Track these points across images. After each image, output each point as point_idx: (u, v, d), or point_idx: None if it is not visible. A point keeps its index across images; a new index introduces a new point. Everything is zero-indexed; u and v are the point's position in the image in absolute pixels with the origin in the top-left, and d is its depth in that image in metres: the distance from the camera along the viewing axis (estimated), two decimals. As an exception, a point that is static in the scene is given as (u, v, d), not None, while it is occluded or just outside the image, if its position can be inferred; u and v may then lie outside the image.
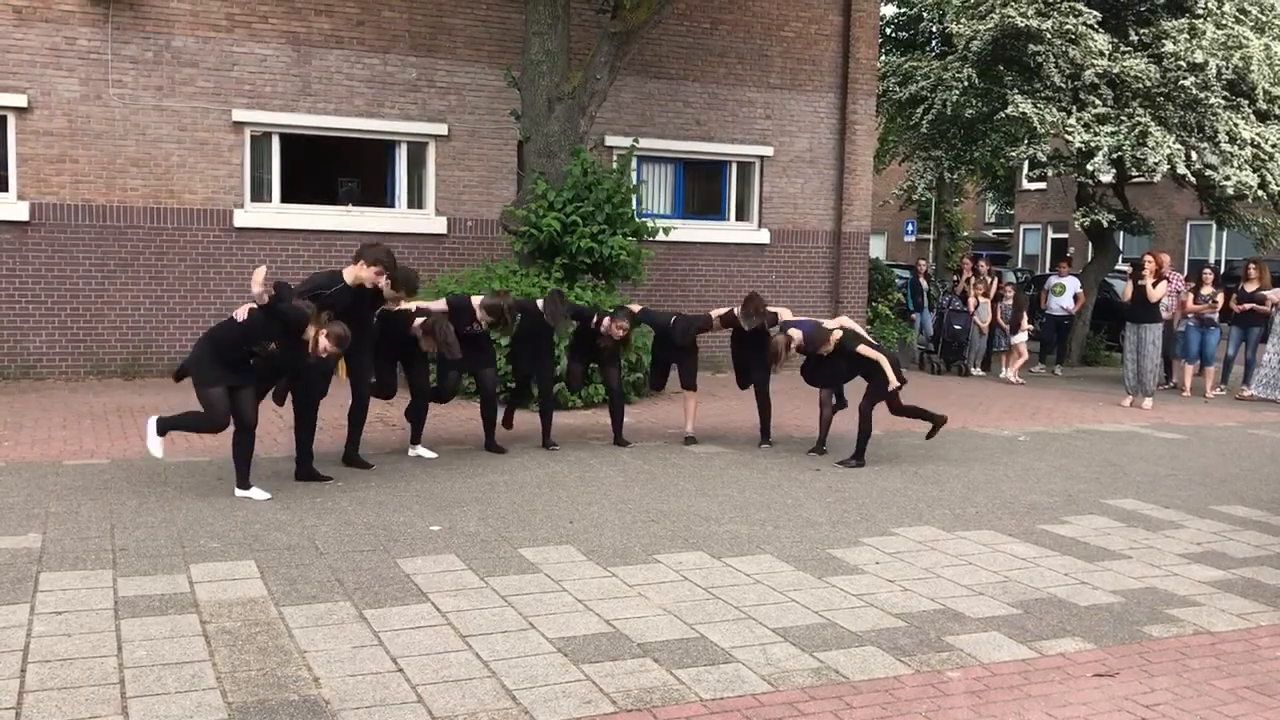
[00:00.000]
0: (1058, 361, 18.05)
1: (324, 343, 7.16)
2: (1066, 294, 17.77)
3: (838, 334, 9.06)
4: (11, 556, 5.88)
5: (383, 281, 7.85)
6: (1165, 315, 14.78)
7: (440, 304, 8.81)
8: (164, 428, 7.26)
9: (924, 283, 19.42)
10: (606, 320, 9.66)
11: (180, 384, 7.70)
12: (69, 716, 3.99)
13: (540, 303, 9.37)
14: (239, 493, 7.30)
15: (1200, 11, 16.70)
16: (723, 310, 10.04)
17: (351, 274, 7.69)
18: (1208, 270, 15.62)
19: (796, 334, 9.26)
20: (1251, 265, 15.52)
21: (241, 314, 7.02)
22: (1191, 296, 15.20)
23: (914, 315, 19.10)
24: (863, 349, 9.05)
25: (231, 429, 7.22)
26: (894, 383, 8.94)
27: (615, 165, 13.71)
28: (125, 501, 7.14)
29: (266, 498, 7.23)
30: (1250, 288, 15.21)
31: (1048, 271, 26.86)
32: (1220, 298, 15.17)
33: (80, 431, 9.60)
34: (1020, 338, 16.39)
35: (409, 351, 8.73)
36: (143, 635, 4.80)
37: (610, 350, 9.89)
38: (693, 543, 6.61)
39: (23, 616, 4.98)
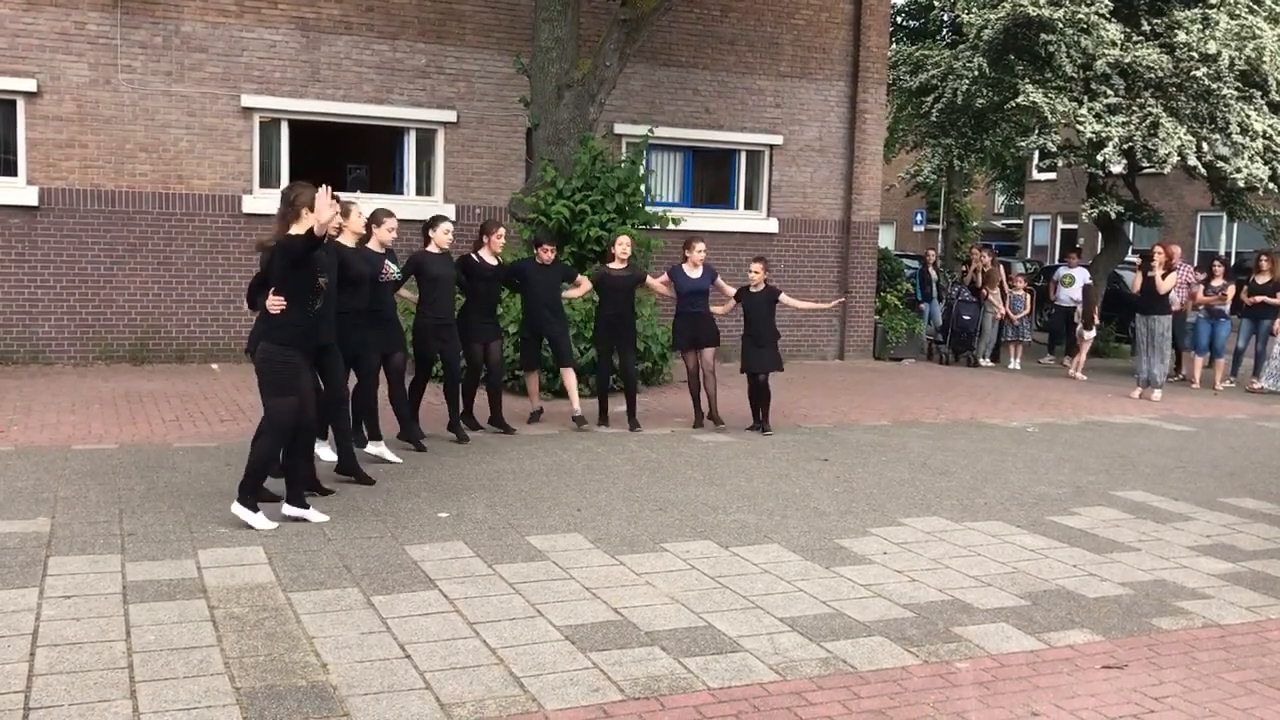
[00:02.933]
0: (1066, 353, 18.00)
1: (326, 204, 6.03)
2: (1076, 285, 17.69)
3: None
4: (20, 541, 5.89)
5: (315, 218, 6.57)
6: (1176, 307, 14.74)
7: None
8: (253, 499, 6.34)
9: (933, 273, 19.34)
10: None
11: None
12: (78, 700, 4.00)
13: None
14: (294, 511, 6.42)
15: (1214, 1, 16.58)
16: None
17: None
18: (1218, 262, 15.55)
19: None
20: (1263, 258, 15.45)
21: (276, 304, 6.20)
22: (1201, 288, 15.14)
23: (923, 305, 19.03)
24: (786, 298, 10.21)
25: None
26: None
27: (627, 155, 13.68)
28: (134, 486, 7.15)
29: (324, 519, 6.43)
30: (1261, 280, 15.13)
31: (1057, 262, 26.77)
32: (1231, 290, 15.11)
33: (89, 416, 9.61)
34: (1090, 334, 16.16)
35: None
36: (151, 620, 4.80)
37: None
38: (700, 532, 6.61)
39: (32, 600, 4.99)
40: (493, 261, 9.41)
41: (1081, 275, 17.84)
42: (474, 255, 9.40)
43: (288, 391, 6.28)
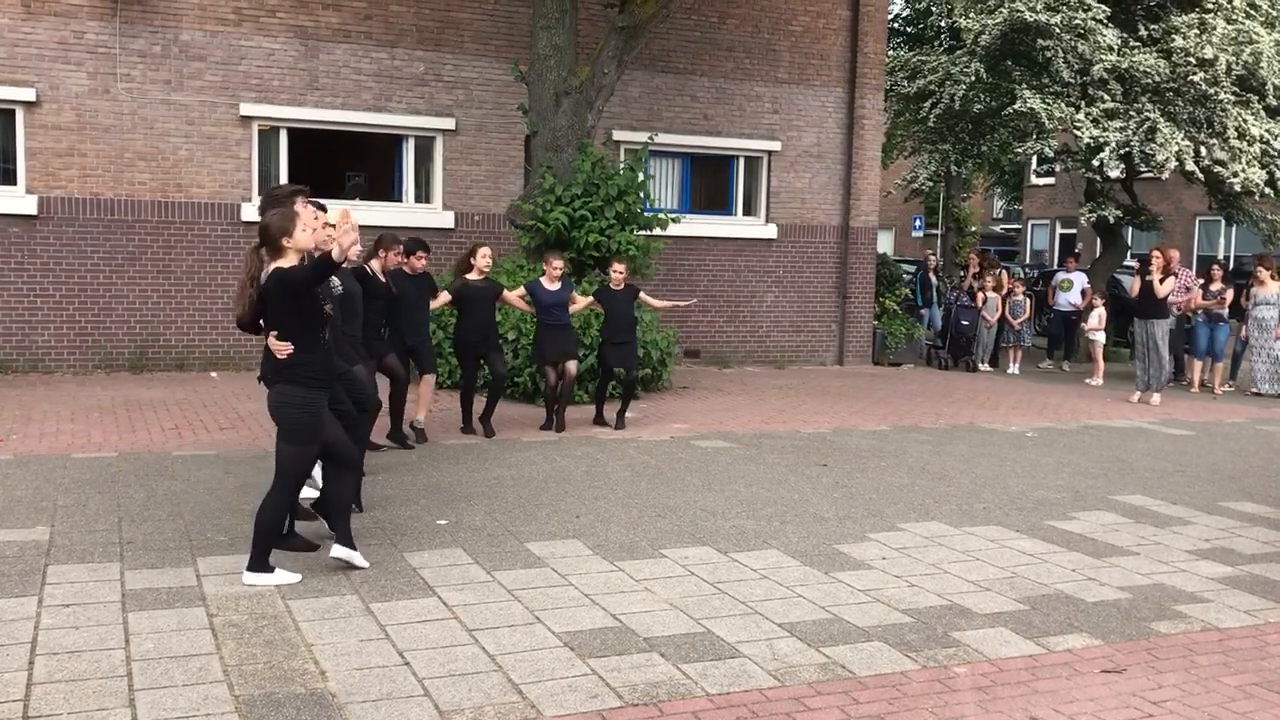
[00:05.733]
0: (1065, 357, 18.02)
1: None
2: (1074, 289, 17.73)
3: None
4: (20, 549, 5.89)
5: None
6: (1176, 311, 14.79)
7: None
8: (264, 561, 5.52)
9: (933, 278, 19.34)
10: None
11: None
12: (77, 709, 4.00)
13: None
14: (342, 553, 5.66)
15: (1210, 6, 16.62)
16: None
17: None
18: (1216, 266, 15.58)
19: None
20: (1259, 261, 15.48)
21: (283, 351, 5.41)
22: (1200, 292, 15.17)
23: (923, 310, 19.03)
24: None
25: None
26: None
27: (625, 161, 13.71)
28: (133, 495, 7.15)
29: (365, 565, 5.73)
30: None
31: (1055, 267, 26.79)
32: (1229, 294, 15.13)
33: (88, 425, 9.62)
34: (1099, 337, 16.10)
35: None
36: (150, 628, 4.81)
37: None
38: (699, 538, 6.61)
39: (31, 609, 4.99)
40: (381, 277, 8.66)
41: (1080, 280, 17.87)
42: (366, 267, 8.48)
43: (308, 440, 5.50)
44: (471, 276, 9.61)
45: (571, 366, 10.06)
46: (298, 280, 5.30)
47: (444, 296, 9.52)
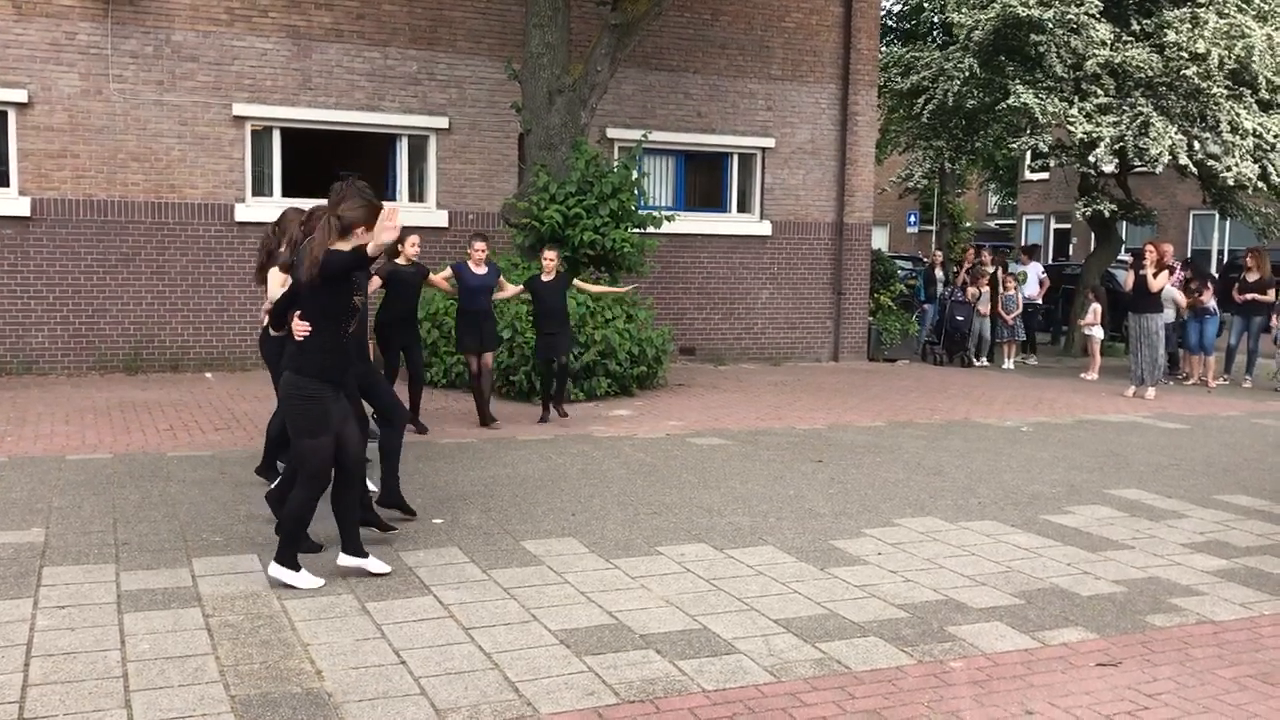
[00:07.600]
0: (1030, 350, 18.19)
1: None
2: (1030, 282, 17.81)
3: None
4: (15, 551, 5.89)
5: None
6: (1185, 303, 14.86)
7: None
8: (291, 556, 5.49)
9: (939, 273, 19.28)
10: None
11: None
12: (73, 710, 4.00)
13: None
14: (350, 561, 5.59)
15: (1202, 1, 16.65)
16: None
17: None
18: (1191, 266, 15.66)
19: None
20: (1250, 255, 15.51)
21: (301, 330, 5.38)
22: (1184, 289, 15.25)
23: (926, 305, 19.00)
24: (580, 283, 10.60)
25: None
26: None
27: (619, 159, 13.70)
28: (128, 496, 7.14)
29: (387, 570, 5.65)
30: (1251, 278, 15.18)
31: (1050, 263, 26.85)
32: (1210, 288, 15.18)
33: (83, 426, 9.61)
34: (1096, 332, 16.07)
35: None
36: (146, 629, 4.80)
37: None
38: (695, 534, 6.61)
39: (26, 611, 4.99)
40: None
41: (1034, 270, 18.01)
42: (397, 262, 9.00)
43: (318, 431, 5.37)
44: (400, 261, 9.29)
45: (488, 359, 10.06)
46: (335, 265, 5.27)
47: (375, 280, 8.88)
